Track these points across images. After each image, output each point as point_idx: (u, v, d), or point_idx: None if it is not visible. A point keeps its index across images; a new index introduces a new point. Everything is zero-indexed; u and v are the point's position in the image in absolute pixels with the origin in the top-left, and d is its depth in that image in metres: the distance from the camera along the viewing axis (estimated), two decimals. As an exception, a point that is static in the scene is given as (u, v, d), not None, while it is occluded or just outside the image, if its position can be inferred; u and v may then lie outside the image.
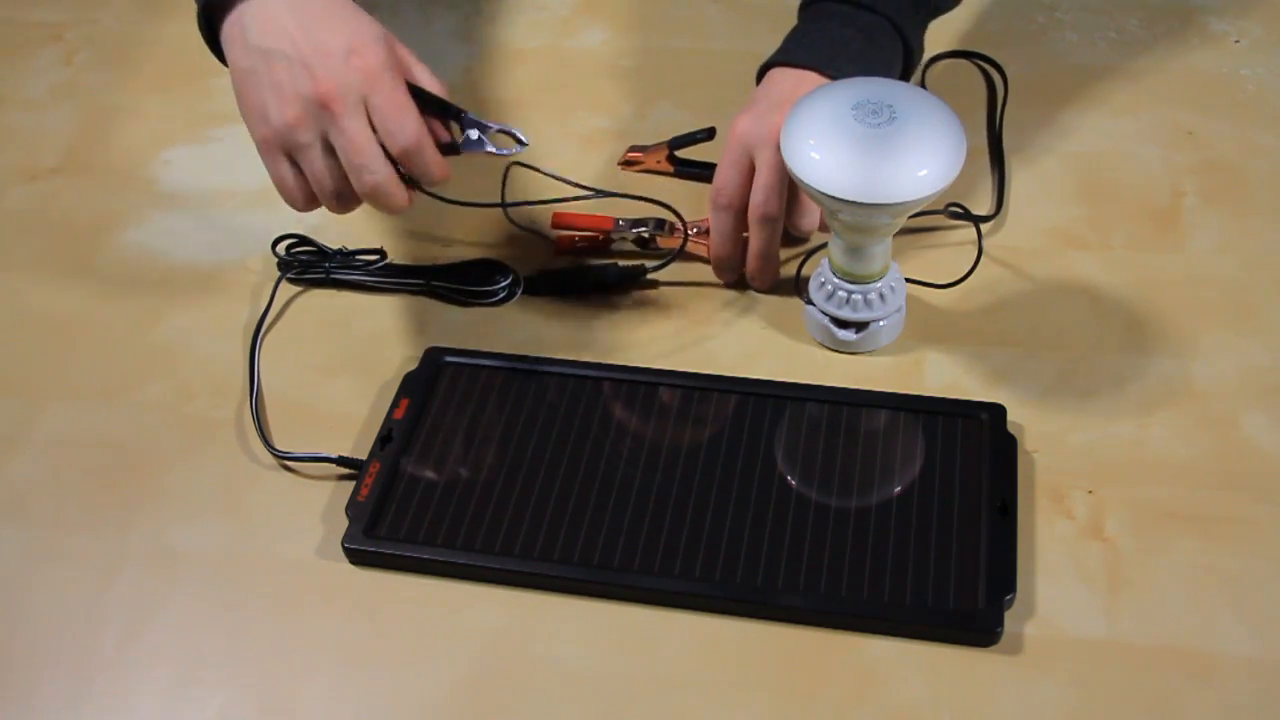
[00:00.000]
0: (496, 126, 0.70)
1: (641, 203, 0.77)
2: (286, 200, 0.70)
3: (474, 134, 0.70)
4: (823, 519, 0.64)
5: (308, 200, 0.69)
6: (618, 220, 0.79)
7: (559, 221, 0.81)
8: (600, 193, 0.76)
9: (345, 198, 0.68)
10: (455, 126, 0.70)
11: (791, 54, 0.78)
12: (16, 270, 0.84)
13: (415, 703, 0.60)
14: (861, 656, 0.60)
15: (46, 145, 0.94)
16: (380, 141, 0.66)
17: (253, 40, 0.67)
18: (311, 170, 0.68)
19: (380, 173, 0.66)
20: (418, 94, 0.68)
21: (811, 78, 0.76)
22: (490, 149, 0.70)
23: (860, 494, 0.65)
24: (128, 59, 1.02)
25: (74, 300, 0.81)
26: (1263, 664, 0.59)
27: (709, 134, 0.82)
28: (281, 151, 0.68)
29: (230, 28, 0.68)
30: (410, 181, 0.69)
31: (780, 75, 0.77)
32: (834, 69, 0.76)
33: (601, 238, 0.80)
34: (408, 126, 0.66)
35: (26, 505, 0.70)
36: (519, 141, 0.70)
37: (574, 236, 0.80)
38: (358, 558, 0.65)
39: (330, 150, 0.67)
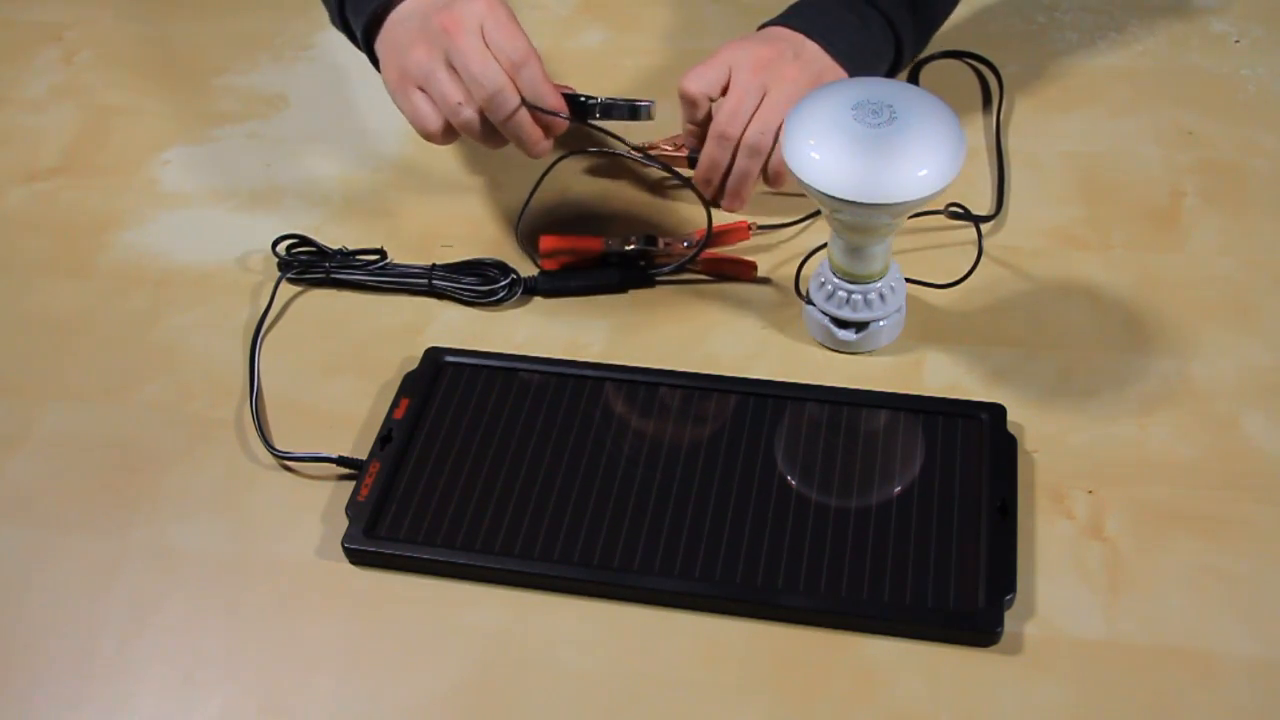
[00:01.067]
0: (624, 101, 0.75)
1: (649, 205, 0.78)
2: (423, 132, 0.75)
3: (603, 101, 0.75)
4: (823, 519, 0.64)
5: (444, 130, 0.74)
6: (606, 240, 0.79)
7: (546, 247, 0.80)
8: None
9: (470, 119, 0.73)
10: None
11: (792, 21, 0.81)
12: (16, 270, 0.84)
13: (415, 703, 0.60)
14: (861, 656, 0.60)
15: (46, 145, 0.94)
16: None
17: (396, 39, 0.75)
18: (439, 91, 0.73)
19: (494, 81, 0.71)
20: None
21: (811, 45, 0.79)
22: (620, 113, 0.76)
23: (860, 494, 0.65)
24: (128, 59, 1.02)
25: (74, 300, 0.81)
26: (1263, 664, 0.59)
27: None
28: (412, 84, 0.74)
29: (382, 45, 0.77)
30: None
31: (784, 32, 0.80)
32: (830, 44, 0.79)
33: (594, 258, 0.79)
34: (518, 42, 0.72)
35: (26, 505, 0.70)
36: (638, 107, 0.76)
37: (562, 263, 0.79)
38: (358, 558, 0.65)
39: (455, 72, 0.73)
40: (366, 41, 0.79)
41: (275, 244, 0.81)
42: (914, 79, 0.91)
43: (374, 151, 0.89)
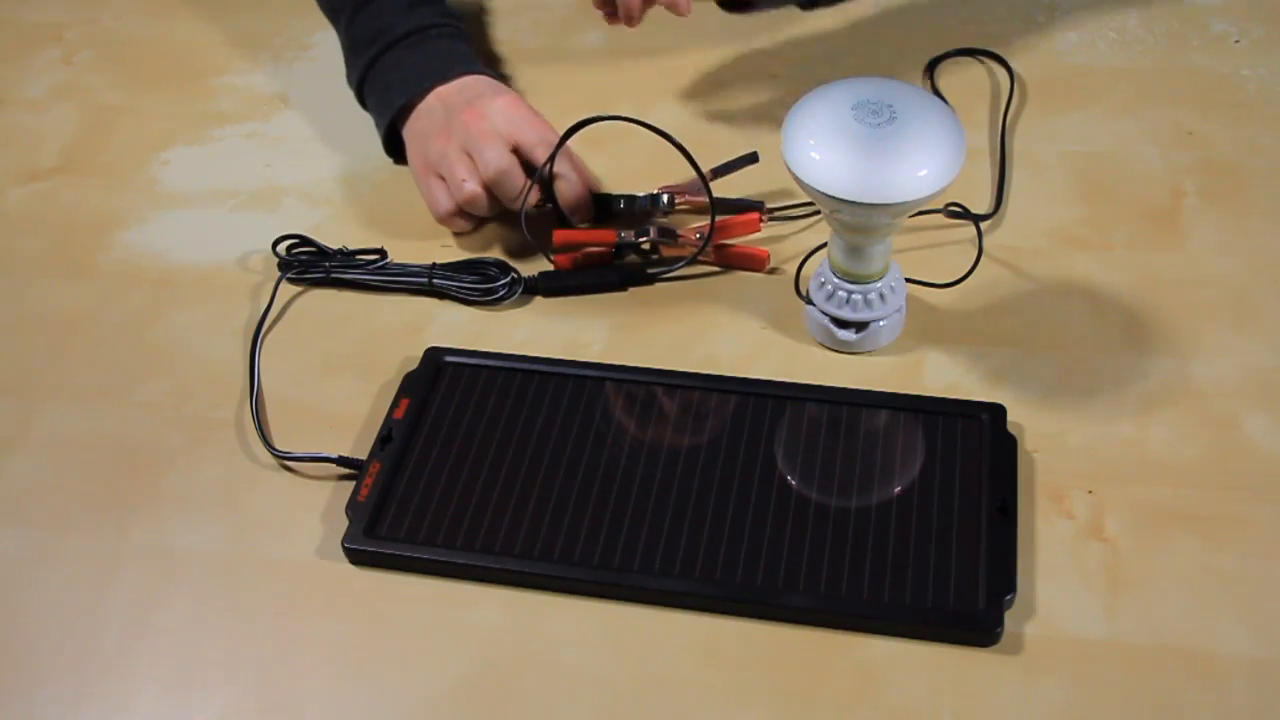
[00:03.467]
0: (645, 194, 0.81)
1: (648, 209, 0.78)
2: (434, 214, 0.81)
3: (625, 195, 0.81)
4: (823, 519, 0.64)
5: (454, 212, 0.80)
6: (619, 233, 0.79)
7: (560, 241, 0.80)
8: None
9: (473, 193, 0.78)
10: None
11: None
12: (16, 270, 0.84)
13: (415, 703, 0.60)
14: (861, 656, 0.60)
15: (46, 145, 0.94)
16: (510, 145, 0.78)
17: (421, 129, 0.81)
18: (449, 171, 0.78)
19: (498, 160, 0.77)
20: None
21: None
22: (642, 204, 0.81)
23: (860, 494, 0.65)
24: (128, 59, 1.02)
25: (74, 300, 0.81)
26: (1263, 664, 0.59)
27: (752, 158, 0.81)
28: (432, 172, 0.80)
29: (408, 134, 0.82)
30: (558, 211, 0.80)
31: None
32: None
33: (606, 251, 0.79)
34: (535, 124, 0.78)
35: (26, 505, 0.70)
36: (658, 198, 0.81)
37: (574, 257, 0.79)
38: (358, 558, 0.65)
39: (467, 155, 0.78)
40: (391, 129, 0.84)
41: (275, 244, 0.81)
42: (930, 77, 0.91)
43: (374, 151, 0.89)
